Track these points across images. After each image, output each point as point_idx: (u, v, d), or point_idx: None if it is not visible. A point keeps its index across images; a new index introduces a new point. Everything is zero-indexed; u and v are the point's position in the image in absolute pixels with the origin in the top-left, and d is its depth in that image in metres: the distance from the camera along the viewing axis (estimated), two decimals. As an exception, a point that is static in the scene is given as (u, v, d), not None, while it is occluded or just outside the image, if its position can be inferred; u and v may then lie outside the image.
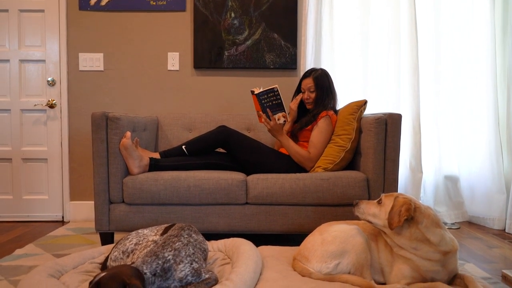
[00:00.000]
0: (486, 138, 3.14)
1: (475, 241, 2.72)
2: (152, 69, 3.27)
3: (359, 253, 1.67)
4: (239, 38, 3.21)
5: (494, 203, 3.08)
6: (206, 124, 3.04)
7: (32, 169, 3.30)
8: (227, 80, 3.27)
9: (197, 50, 3.21)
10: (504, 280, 2.00)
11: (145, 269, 1.51)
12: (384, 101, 3.19)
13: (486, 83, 3.14)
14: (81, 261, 1.92)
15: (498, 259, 2.33)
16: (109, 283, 1.39)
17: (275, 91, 2.45)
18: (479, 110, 3.17)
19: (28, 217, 3.29)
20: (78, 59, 3.24)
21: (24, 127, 3.28)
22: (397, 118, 2.32)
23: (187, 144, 2.60)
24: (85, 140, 3.27)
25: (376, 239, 1.77)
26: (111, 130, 2.34)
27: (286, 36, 3.20)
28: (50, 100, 3.24)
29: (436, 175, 3.24)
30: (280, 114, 2.52)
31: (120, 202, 2.39)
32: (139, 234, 1.86)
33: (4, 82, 3.26)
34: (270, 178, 2.37)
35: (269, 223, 2.37)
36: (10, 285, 1.89)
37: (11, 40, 3.24)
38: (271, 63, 3.22)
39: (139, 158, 2.42)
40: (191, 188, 2.34)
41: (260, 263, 1.83)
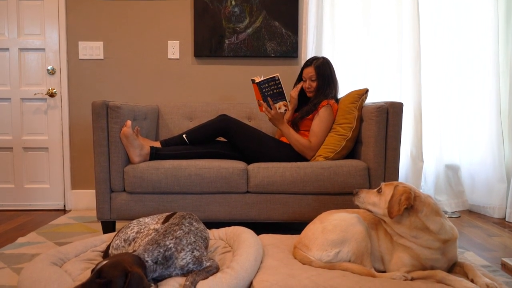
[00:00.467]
0: (487, 127, 3.14)
1: (475, 229, 2.73)
2: (153, 57, 3.25)
3: (360, 242, 1.67)
4: (239, 26, 3.18)
5: (494, 192, 3.09)
6: (206, 113, 3.04)
7: (33, 158, 3.30)
8: (227, 69, 3.26)
9: (198, 38, 3.19)
10: (503, 268, 2.02)
11: (146, 257, 1.52)
12: (386, 90, 3.18)
13: (489, 72, 3.12)
14: (83, 249, 1.93)
15: (498, 248, 2.34)
16: (111, 271, 1.40)
17: (276, 79, 2.44)
18: (481, 98, 3.16)
19: (30, 205, 3.31)
20: (78, 48, 3.23)
21: (25, 116, 3.28)
22: (398, 107, 2.31)
23: (187, 133, 2.59)
24: (86, 129, 3.27)
25: (376, 228, 1.78)
26: (111, 119, 2.34)
27: (287, 24, 3.18)
28: (50, 89, 3.23)
29: (437, 164, 3.24)
30: (281, 103, 2.51)
31: (121, 191, 2.39)
32: (141, 223, 1.87)
33: (4, 71, 3.25)
34: (271, 167, 2.37)
35: (270, 211, 2.38)
36: (13, 273, 1.90)
37: (10, 28, 3.22)
38: (272, 51, 3.20)
39: (140, 147, 2.42)
40: (192, 176, 2.34)
41: (261, 251, 1.84)
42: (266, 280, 1.57)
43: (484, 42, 3.13)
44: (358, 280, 1.58)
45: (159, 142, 2.59)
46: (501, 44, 3.12)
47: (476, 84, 3.17)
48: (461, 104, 3.21)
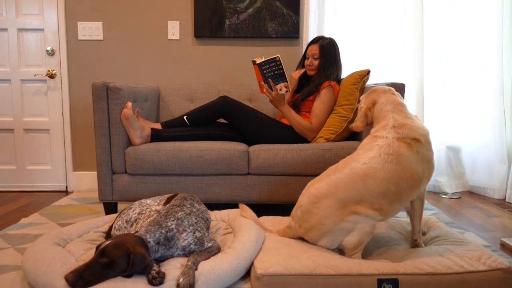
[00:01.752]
0: (490, 108, 3.12)
1: (475, 210, 2.74)
2: (153, 38, 3.22)
3: (362, 236, 1.66)
4: (240, 6, 3.14)
5: (495, 172, 3.10)
6: (207, 95, 3.02)
7: (34, 139, 3.30)
8: (228, 50, 3.23)
9: (198, 18, 3.15)
10: (502, 248, 2.03)
11: (148, 238, 1.53)
12: (388, 71, 3.15)
13: (491, 53, 3.09)
14: (85, 230, 1.95)
15: (497, 228, 2.36)
16: (114, 251, 1.41)
17: (277, 60, 2.42)
18: (483, 80, 3.14)
19: (32, 187, 3.33)
20: (77, 28, 3.19)
21: (25, 97, 3.27)
22: (400, 88, 2.30)
23: (188, 114, 2.58)
24: (87, 111, 3.26)
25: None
26: (112, 101, 2.33)
27: (288, 4, 3.13)
28: (50, 70, 3.21)
29: (438, 145, 3.23)
30: (282, 84, 2.49)
31: (123, 172, 2.40)
32: (142, 204, 1.88)
33: (3, 52, 3.22)
34: (272, 149, 2.37)
35: (271, 193, 2.39)
36: (17, 253, 1.93)
37: (8, 8, 3.18)
38: (273, 32, 3.16)
39: (141, 129, 2.42)
40: (193, 158, 2.35)
41: (262, 232, 1.85)
42: (267, 260, 1.59)
43: (488, 23, 3.09)
44: (358, 260, 1.60)
45: (160, 123, 2.58)
46: (505, 26, 3.07)
47: (478, 65, 3.15)
48: (463, 86, 3.19)
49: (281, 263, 1.56)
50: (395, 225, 2.08)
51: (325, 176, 1.74)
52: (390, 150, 1.65)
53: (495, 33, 3.07)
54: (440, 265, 1.53)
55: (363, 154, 1.69)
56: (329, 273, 1.51)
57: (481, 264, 1.55)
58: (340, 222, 1.64)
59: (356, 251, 1.66)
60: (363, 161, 1.66)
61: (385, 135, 1.69)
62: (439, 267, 1.53)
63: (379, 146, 1.67)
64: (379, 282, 1.49)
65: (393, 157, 1.64)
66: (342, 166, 1.71)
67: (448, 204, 2.90)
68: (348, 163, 1.70)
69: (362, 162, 1.66)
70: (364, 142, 1.76)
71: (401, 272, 1.51)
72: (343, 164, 1.72)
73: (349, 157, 1.75)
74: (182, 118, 2.58)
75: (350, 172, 1.66)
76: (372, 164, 1.64)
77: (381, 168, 1.63)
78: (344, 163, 1.72)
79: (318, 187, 1.70)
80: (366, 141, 1.75)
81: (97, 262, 1.41)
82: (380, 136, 1.70)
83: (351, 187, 1.64)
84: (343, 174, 1.67)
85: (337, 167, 1.73)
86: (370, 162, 1.65)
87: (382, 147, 1.66)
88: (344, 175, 1.66)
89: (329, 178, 1.70)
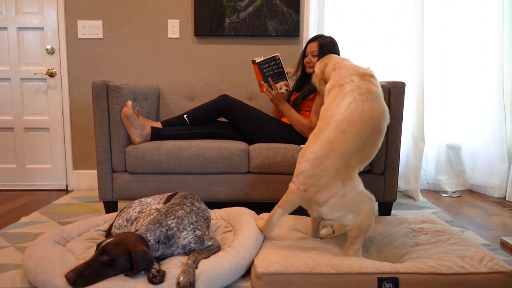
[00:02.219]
0: (490, 107, 3.12)
1: (475, 209, 2.74)
2: (153, 37, 3.22)
3: (365, 216, 1.63)
4: (240, 4, 3.13)
5: (495, 171, 3.10)
6: (207, 93, 3.02)
7: (34, 138, 3.30)
8: (228, 48, 3.22)
9: (198, 17, 3.15)
10: (502, 246, 2.03)
11: (149, 236, 1.53)
12: (388, 70, 3.15)
13: (491, 51, 3.09)
14: (86, 229, 1.95)
15: (497, 227, 2.36)
16: (114, 249, 1.41)
17: (277, 59, 2.41)
18: (483, 78, 3.14)
19: (32, 185, 3.33)
20: (77, 27, 3.19)
21: (25, 96, 3.26)
22: (400, 87, 2.29)
23: (188, 113, 2.58)
24: (87, 109, 3.26)
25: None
26: (112, 99, 2.33)
27: (288, 2, 3.13)
28: (50, 69, 3.20)
29: (438, 144, 3.24)
30: (282, 83, 2.49)
31: (123, 171, 2.40)
32: (142, 203, 1.88)
33: (3, 50, 3.22)
34: (273, 148, 2.37)
35: (271, 192, 2.39)
36: (17, 251, 1.93)
37: (7, 7, 3.18)
38: (273, 30, 3.16)
39: (141, 127, 2.41)
40: (193, 157, 2.35)
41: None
42: (267, 259, 1.59)
43: (488, 21, 3.08)
44: (358, 259, 1.60)
45: (160, 122, 2.58)
46: (505, 23, 3.07)
47: (478, 64, 3.14)
48: (463, 84, 3.18)
49: (282, 261, 1.56)
50: (393, 222, 2.08)
51: (313, 141, 1.71)
52: (361, 90, 1.72)
53: (495, 32, 3.07)
54: (441, 265, 1.53)
55: (340, 105, 1.72)
56: (329, 272, 1.51)
57: (483, 266, 1.55)
58: (347, 182, 1.64)
59: (359, 236, 1.64)
60: (342, 110, 1.69)
61: (350, 80, 1.76)
62: (440, 267, 1.53)
63: (351, 91, 1.72)
64: (379, 281, 1.49)
65: (366, 95, 1.71)
66: (325, 125, 1.70)
67: (448, 203, 2.90)
68: (329, 120, 1.70)
69: (343, 111, 1.68)
70: (331, 96, 1.78)
71: (402, 271, 1.51)
72: (325, 124, 1.71)
73: (325, 116, 1.75)
74: (182, 116, 2.58)
75: (336, 125, 1.67)
76: (352, 109, 1.68)
77: (361, 109, 1.68)
78: (325, 122, 1.72)
79: (313, 152, 1.67)
80: (333, 94, 1.78)
81: (98, 260, 1.41)
82: (346, 82, 1.76)
83: (346, 138, 1.65)
84: (331, 130, 1.67)
85: (320, 129, 1.72)
86: (349, 108, 1.69)
87: (354, 91, 1.72)
88: (333, 131, 1.66)
89: (319, 140, 1.68)
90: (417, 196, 2.96)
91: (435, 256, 1.63)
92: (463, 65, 3.17)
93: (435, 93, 3.19)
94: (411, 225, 2.04)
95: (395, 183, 2.36)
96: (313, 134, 1.74)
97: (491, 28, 3.08)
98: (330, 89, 1.82)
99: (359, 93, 1.71)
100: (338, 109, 1.69)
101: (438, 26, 3.14)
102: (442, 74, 3.18)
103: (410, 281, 1.49)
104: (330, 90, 1.81)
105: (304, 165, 1.67)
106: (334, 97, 1.75)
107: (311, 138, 1.74)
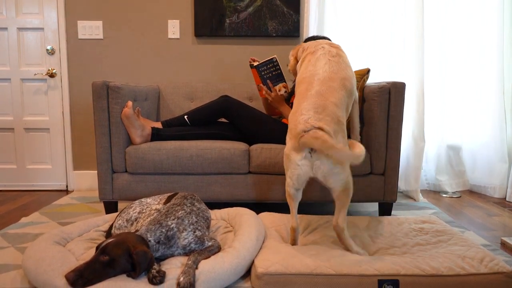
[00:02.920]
0: (490, 107, 3.12)
1: (475, 209, 2.74)
2: (153, 37, 3.22)
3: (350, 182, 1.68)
4: (240, 4, 3.13)
5: (495, 171, 3.10)
6: (207, 93, 3.02)
7: (34, 138, 3.30)
8: (228, 49, 3.22)
9: (198, 17, 3.15)
10: (503, 247, 2.03)
11: (149, 236, 1.53)
12: (388, 70, 3.14)
13: (492, 52, 3.09)
14: (86, 229, 1.95)
15: (498, 227, 2.36)
16: (115, 250, 1.41)
17: (274, 61, 2.41)
18: (484, 78, 3.14)
19: (32, 186, 3.33)
20: (77, 27, 3.19)
21: (25, 96, 3.26)
22: (400, 87, 2.29)
23: (189, 113, 2.58)
24: (87, 110, 3.26)
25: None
26: (112, 100, 2.33)
27: (288, 2, 3.13)
28: (50, 69, 3.20)
29: (438, 144, 3.24)
30: (281, 85, 2.48)
31: (123, 171, 2.40)
32: (142, 203, 1.88)
33: (3, 51, 3.22)
34: (274, 148, 2.37)
35: (271, 192, 2.39)
36: (17, 252, 1.93)
37: (8, 7, 3.18)
38: (273, 30, 3.16)
39: (141, 128, 2.41)
40: (193, 157, 2.35)
41: (262, 231, 1.85)
42: (267, 259, 1.59)
43: (488, 21, 3.08)
44: (359, 260, 1.60)
45: (160, 122, 2.58)
46: (506, 23, 3.07)
47: (479, 64, 3.14)
48: (463, 85, 3.18)
49: (282, 262, 1.56)
50: (394, 222, 2.08)
51: (302, 99, 1.73)
52: (333, 53, 1.87)
53: (495, 32, 3.06)
54: (441, 267, 1.53)
55: (316, 66, 1.82)
56: (330, 273, 1.51)
57: (483, 266, 1.55)
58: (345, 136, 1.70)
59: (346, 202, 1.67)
60: (321, 70, 1.80)
61: (320, 47, 1.92)
62: (441, 268, 1.52)
63: (323, 54, 1.86)
64: (379, 283, 1.49)
65: (338, 58, 1.86)
66: (309, 85, 1.76)
67: (448, 203, 2.90)
68: (310, 80, 1.78)
69: (321, 71, 1.79)
70: (305, 64, 1.90)
71: (402, 273, 1.50)
72: (308, 84, 1.77)
73: (304, 78, 1.83)
74: (182, 117, 2.57)
75: (321, 82, 1.74)
76: (328, 69, 1.79)
77: (337, 69, 1.80)
78: (307, 83, 1.78)
79: (311, 103, 1.68)
80: (306, 61, 1.90)
81: (98, 260, 1.41)
82: (317, 49, 1.90)
83: (334, 90, 1.72)
84: (318, 86, 1.73)
85: (305, 89, 1.76)
86: (326, 68, 1.80)
87: (326, 54, 1.85)
88: (320, 86, 1.73)
89: (310, 95, 1.72)
90: (417, 196, 2.96)
91: (435, 256, 1.62)
92: (463, 65, 3.16)
93: (435, 93, 3.19)
94: (411, 225, 2.04)
95: (395, 184, 2.36)
96: (299, 95, 1.79)
97: (491, 28, 3.08)
98: (303, 58, 1.95)
99: (331, 55, 1.85)
100: (316, 70, 1.81)
101: (438, 26, 3.14)
102: (442, 74, 3.18)
103: (410, 283, 1.49)
104: (303, 59, 1.94)
105: (307, 114, 1.64)
106: (307, 62, 1.87)
107: (298, 100, 1.76)
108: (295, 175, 1.66)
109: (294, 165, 1.65)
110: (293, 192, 1.73)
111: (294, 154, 1.66)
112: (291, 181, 1.69)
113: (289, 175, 1.70)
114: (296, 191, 1.73)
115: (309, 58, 1.90)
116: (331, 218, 2.14)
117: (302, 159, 1.63)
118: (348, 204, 1.70)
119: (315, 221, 2.10)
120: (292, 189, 1.72)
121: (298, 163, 1.64)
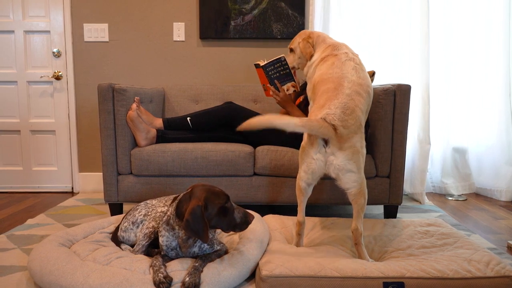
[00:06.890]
0: (496, 110, 3.11)
1: (482, 212, 2.72)
2: (158, 40, 3.23)
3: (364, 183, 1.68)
4: (245, 7, 3.14)
5: (502, 174, 3.08)
6: (212, 96, 3.02)
7: (40, 141, 3.32)
8: (233, 51, 3.23)
9: (203, 20, 3.16)
10: (509, 250, 2.02)
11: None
12: (393, 72, 3.14)
13: (498, 53, 3.07)
14: (91, 231, 1.95)
15: (504, 230, 2.34)
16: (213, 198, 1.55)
17: (282, 60, 2.40)
18: (490, 80, 3.12)
19: (38, 188, 3.35)
20: (83, 30, 3.21)
21: (31, 99, 3.28)
22: (406, 89, 2.29)
23: (192, 116, 2.57)
24: (92, 112, 3.28)
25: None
26: (117, 102, 2.34)
27: (293, 4, 3.13)
28: (56, 72, 3.22)
29: (444, 147, 3.22)
30: (289, 84, 2.46)
31: (128, 173, 2.41)
32: (148, 205, 1.88)
33: (10, 54, 3.24)
34: (280, 150, 2.37)
35: (276, 194, 2.39)
36: (23, 253, 1.94)
37: (15, 10, 3.20)
38: (278, 33, 3.16)
39: (146, 131, 2.42)
40: (198, 159, 2.35)
41: (267, 234, 1.85)
42: (272, 262, 1.58)
43: (494, 23, 3.07)
44: (363, 262, 1.59)
45: (162, 120, 2.56)
46: (512, 25, 3.06)
47: (485, 67, 3.13)
48: (469, 87, 3.17)
49: (286, 264, 1.55)
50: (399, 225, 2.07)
51: (332, 97, 1.71)
52: (357, 61, 1.88)
53: (501, 34, 3.05)
54: (447, 269, 1.52)
55: (342, 70, 1.82)
56: (334, 275, 1.51)
57: (489, 269, 1.53)
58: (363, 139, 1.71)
59: (364, 203, 1.67)
60: (349, 74, 1.79)
61: (344, 51, 1.92)
62: (447, 271, 1.51)
63: (349, 59, 1.87)
64: (384, 286, 1.48)
65: (361, 66, 1.88)
66: (339, 86, 1.75)
67: (454, 206, 2.88)
68: (340, 81, 1.77)
69: (350, 75, 1.79)
70: (327, 64, 1.89)
71: (407, 276, 1.50)
72: (337, 84, 1.76)
73: (328, 78, 1.82)
74: (185, 119, 2.56)
75: (351, 85, 1.74)
76: (358, 74, 1.80)
77: (363, 76, 1.82)
78: (336, 83, 1.76)
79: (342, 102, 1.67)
80: (329, 62, 1.90)
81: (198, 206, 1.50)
82: (341, 53, 1.91)
83: (362, 98, 1.74)
84: (348, 90, 1.73)
85: (336, 87, 1.75)
86: (353, 72, 1.81)
87: (351, 60, 1.86)
88: (350, 90, 1.73)
89: (343, 95, 1.70)
90: (422, 199, 2.94)
91: (441, 259, 1.61)
92: (469, 68, 3.15)
93: (441, 95, 3.18)
94: (416, 228, 2.03)
95: (401, 186, 2.35)
96: (326, 92, 1.76)
97: (497, 31, 3.06)
98: (323, 57, 1.95)
99: (357, 63, 1.86)
100: (344, 73, 1.80)
101: (444, 29, 3.13)
102: (448, 77, 3.16)
103: (416, 286, 1.48)
104: (324, 58, 1.94)
105: (334, 110, 1.65)
106: (331, 64, 1.87)
107: (327, 96, 1.73)
108: (311, 169, 1.68)
109: (310, 159, 1.68)
110: (304, 186, 1.73)
111: (309, 146, 1.69)
112: (306, 174, 1.70)
113: (303, 168, 1.71)
114: (308, 186, 1.74)
115: (332, 60, 1.90)
116: (336, 219, 2.14)
117: (317, 152, 1.65)
118: (365, 207, 1.69)
119: (321, 223, 2.09)
120: (304, 183, 1.72)
121: (314, 157, 1.66)
